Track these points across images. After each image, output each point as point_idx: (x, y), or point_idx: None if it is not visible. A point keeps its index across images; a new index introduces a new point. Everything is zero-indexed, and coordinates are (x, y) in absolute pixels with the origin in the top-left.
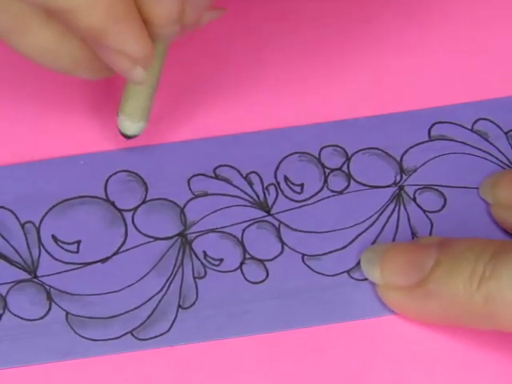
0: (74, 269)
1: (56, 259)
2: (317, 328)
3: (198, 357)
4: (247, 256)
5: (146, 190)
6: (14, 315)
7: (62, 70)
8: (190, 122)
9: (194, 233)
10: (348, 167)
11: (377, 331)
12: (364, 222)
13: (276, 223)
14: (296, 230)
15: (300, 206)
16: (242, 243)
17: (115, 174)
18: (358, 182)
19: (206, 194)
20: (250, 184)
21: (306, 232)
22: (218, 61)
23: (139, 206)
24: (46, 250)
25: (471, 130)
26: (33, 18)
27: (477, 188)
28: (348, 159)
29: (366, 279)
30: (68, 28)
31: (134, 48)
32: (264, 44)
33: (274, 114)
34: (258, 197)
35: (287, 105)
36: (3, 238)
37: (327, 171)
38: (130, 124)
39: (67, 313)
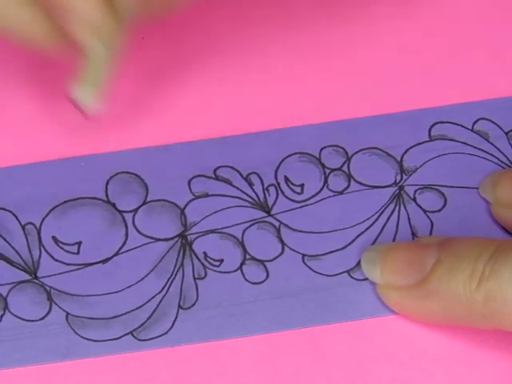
0: (75, 270)
1: (56, 260)
2: (317, 328)
3: (198, 357)
4: (247, 256)
5: (147, 191)
6: (15, 316)
7: (21, 38)
8: (189, 123)
9: (194, 233)
10: (348, 167)
11: (377, 331)
12: (364, 221)
13: (276, 224)
14: (296, 230)
15: (300, 207)
16: (242, 244)
17: (116, 175)
18: (358, 182)
19: (206, 195)
20: (251, 184)
21: (306, 232)
22: (218, 62)
23: (140, 207)
24: (47, 251)
25: (471, 129)
26: None
27: (477, 188)
28: (348, 159)
29: (366, 279)
30: None
31: (91, 13)
32: (265, 45)
33: (274, 115)
34: (258, 197)
35: (287, 105)
36: (4, 239)
37: (327, 171)
38: (84, 92)
39: (67, 313)
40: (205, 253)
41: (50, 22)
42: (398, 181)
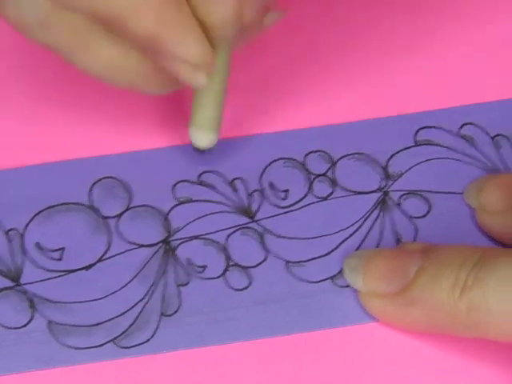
0: (58, 276)
1: (40, 267)
2: (300, 335)
3: (181, 364)
4: (231, 263)
5: (131, 196)
6: None
7: (128, 86)
8: (173, 128)
9: (177, 239)
10: (333, 173)
11: (360, 338)
12: (349, 227)
13: (260, 230)
14: (280, 236)
15: (284, 212)
16: (225, 250)
17: (99, 180)
18: (342, 187)
19: (190, 201)
20: (235, 190)
21: (290, 238)
22: None
23: (123, 212)
24: (30, 258)
25: (457, 134)
26: (92, 34)
27: (462, 193)
28: (333, 165)
29: (349, 286)
30: (126, 40)
31: (192, 52)
32: (255, 49)
33: (258, 120)
34: (242, 203)
35: (272, 110)
36: None
37: (312, 177)
38: (202, 135)
39: (50, 321)
40: (188, 259)
41: (155, 67)
42: (382, 186)
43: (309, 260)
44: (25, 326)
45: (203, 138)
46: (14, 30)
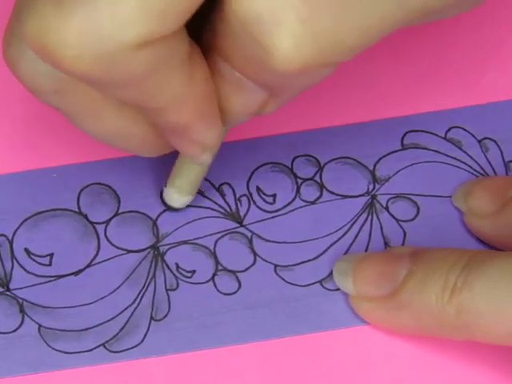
0: (47, 282)
1: (29, 272)
2: (290, 339)
3: (171, 369)
4: (219, 267)
5: (119, 202)
6: None
7: (128, 150)
8: None
9: (166, 245)
10: (320, 177)
11: (349, 341)
12: (337, 231)
13: (248, 234)
14: (268, 240)
15: (272, 217)
16: (214, 255)
17: (88, 186)
18: (330, 191)
19: None
20: (223, 195)
21: (279, 242)
22: None
23: (112, 218)
24: (19, 263)
25: (444, 138)
26: (106, 104)
27: (450, 197)
28: (320, 169)
29: (338, 289)
30: (147, 118)
31: (210, 139)
32: None
33: (245, 125)
34: (230, 208)
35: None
36: None
37: (299, 181)
38: (179, 197)
39: (40, 325)
40: (177, 264)
41: (159, 137)
42: (370, 190)
43: (297, 264)
44: (15, 330)
45: (180, 200)
46: (26, 89)
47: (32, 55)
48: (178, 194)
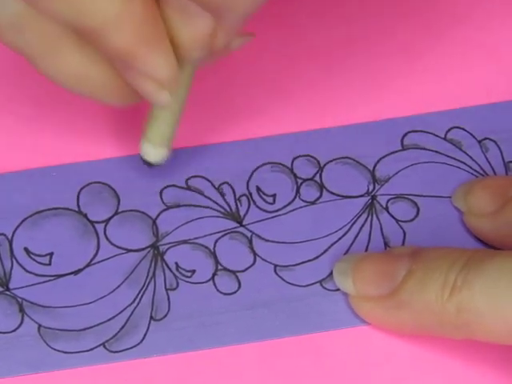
0: (47, 281)
1: (28, 271)
2: (290, 339)
3: (170, 369)
4: (219, 267)
5: (118, 201)
6: None
7: (90, 95)
8: None
9: (166, 244)
10: (320, 177)
11: (349, 342)
12: (337, 231)
13: (248, 234)
14: (268, 240)
15: (272, 217)
16: (214, 254)
17: (87, 185)
18: (330, 191)
19: (178, 205)
20: (222, 195)
21: (279, 242)
22: None
23: (111, 217)
24: (19, 263)
25: (444, 138)
26: (63, 40)
27: (450, 197)
28: (320, 169)
29: (338, 289)
30: (97, 51)
31: (161, 71)
32: (243, 54)
33: (245, 125)
34: (230, 208)
35: (259, 115)
36: None
37: (299, 181)
38: (153, 151)
39: (39, 325)
40: (176, 263)
41: (120, 80)
42: (370, 190)
43: (297, 264)
44: (14, 330)
45: (155, 153)
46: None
47: None
48: (151, 148)
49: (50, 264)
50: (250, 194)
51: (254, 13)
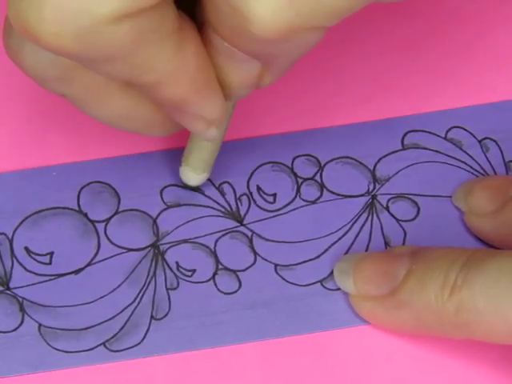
0: (47, 280)
1: (29, 271)
2: (290, 338)
3: (171, 368)
4: (220, 266)
5: (119, 200)
6: None
7: (134, 131)
8: None
9: (166, 243)
10: (321, 176)
11: (350, 341)
12: (337, 231)
13: (249, 233)
14: (269, 240)
15: (273, 216)
16: (214, 254)
17: (87, 184)
18: (330, 191)
19: (178, 205)
20: (223, 194)
21: (279, 242)
22: None
23: (112, 216)
24: (19, 262)
25: (445, 138)
26: (110, 87)
27: (450, 197)
28: (321, 168)
29: (339, 289)
30: (146, 96)
31: (211, 112)
32: None
33: (246, 124)
34: (230, 207)
35: (260, 114)
36: None
37: (300, 181)
38: (194, 175)
39: (40, 324)
40: (177, 263)
41: (164, 115)
42: (370, 190)
43: (298, 263)
44: (15, 329)
45: (197, 179)
46: (31, 79)
47: (34, 45)
48: (192, 172)
49: (50, 263)
50: (251, 193)
51: (301, 58)
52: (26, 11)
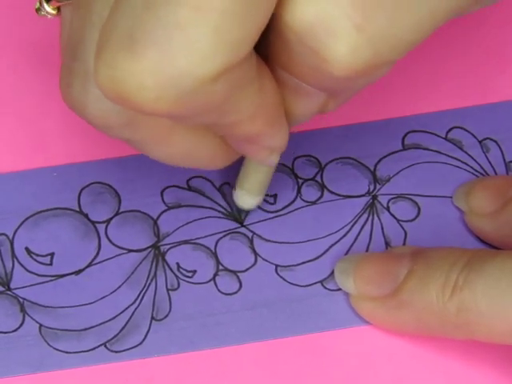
0: (48, 281)
1: (29, 271)
2: (291, 339)
3: (171, 369)
4: (220, 267)
5: (119, 201)
6: None
7: (196, 166)
8: None
9: (167, 244)
10: (321, 177)
11: (350, 342)
12: (338, 231)
13: (249, 234)
14: (269, 240)
15: (273, 217)
16: (215, 255)
17: (88, 185)
18: (331, 191)
19: (179, 206)
20: (224, 195)
21: (280, 243)
22: None
23: (112, 217)
24: (20, 263)
25: (445, 138)
26: (175, 129)
27: (451, 197)
28: (321, 169)
29: (339, 289)
30: (209, 130)
31: (278, 143)
32: None
33: None
34: (231, 208)
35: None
36: None
37: (300, 181)
38: (249, 199)
39: (40, 325)
40: (178, 264)
41: (225, 148)
42: (371, 190)
43: (298, 264)
44: (16, 330)
45: (253, 202)
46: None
47: (98, 93)
48: (248, 196)
49: (51, 264)
50: None
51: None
52: (124, 79)
